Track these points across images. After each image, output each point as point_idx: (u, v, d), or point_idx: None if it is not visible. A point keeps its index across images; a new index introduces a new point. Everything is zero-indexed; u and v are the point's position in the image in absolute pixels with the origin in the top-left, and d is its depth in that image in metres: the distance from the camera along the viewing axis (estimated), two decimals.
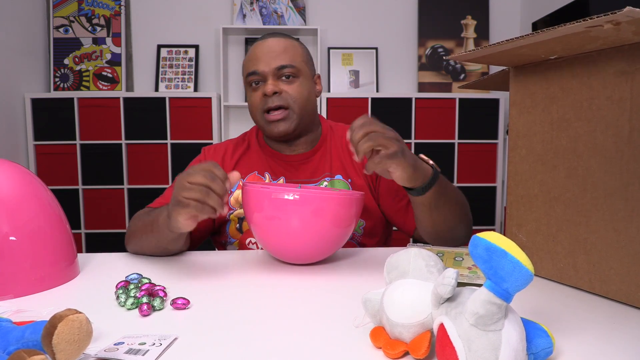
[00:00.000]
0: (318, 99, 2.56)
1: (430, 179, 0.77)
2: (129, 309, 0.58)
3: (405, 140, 2.78)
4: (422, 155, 0.81)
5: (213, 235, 1.05)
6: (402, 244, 1.03)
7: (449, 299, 0.41)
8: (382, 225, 1.03)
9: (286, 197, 0.71)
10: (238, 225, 0.98)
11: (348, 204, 0.74)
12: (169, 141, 2.48)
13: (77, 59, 2.60)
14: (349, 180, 0.99)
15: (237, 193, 1.00)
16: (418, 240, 0.97)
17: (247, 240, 0.97)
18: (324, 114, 2.50)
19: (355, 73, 2.69)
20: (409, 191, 0.81)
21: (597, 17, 0.47)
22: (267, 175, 1.01)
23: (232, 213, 0.99)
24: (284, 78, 0.95)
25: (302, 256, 0.77)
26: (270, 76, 0.94)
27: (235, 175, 0.69)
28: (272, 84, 0.94)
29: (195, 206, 0.64)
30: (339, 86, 2.68)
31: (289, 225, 0.72)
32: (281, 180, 1.00)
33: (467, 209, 0.94)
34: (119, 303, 0.59)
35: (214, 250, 1.00)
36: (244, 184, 0.78)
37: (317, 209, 0.72)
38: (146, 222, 0.83)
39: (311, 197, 0.71)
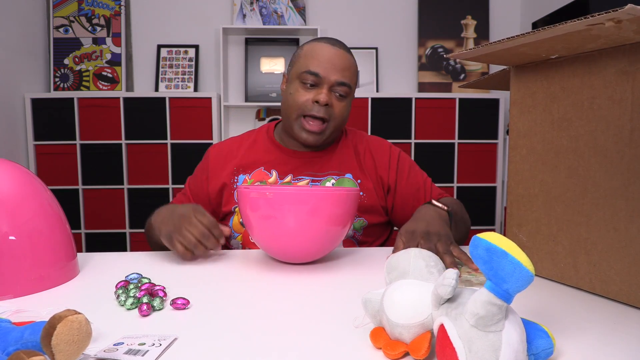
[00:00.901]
0: None
1: (450, 224, 0.83)
2: (128, 309, 0.58)
3: (405, 141, 2.76)
4: (434, 202, 0.85)
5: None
6: None
7: (449, 300, 0.41)
8: (383, 226, 1.04)
9: (263, 194, 0.72)
10: (242, 219, 0.99)
11: (342, 201, 0.74)
12: (169, 141, 2.48)
13: (77, 59, 2.59)
14: (359, 181, 1.00)
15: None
16: None
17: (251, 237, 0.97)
18: None
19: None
20: None
21: (599, 14, 0.47)
22: (274, 172, 1.01)
23: (237, 207, 0.99)
24: (336, 94, 0.95)
25: (298, 255, 0.77)
26: (326, 85, 0.94)
27: (225, 229, 0.81)
28: (327, 95, 0.93)
29: (180, 251, 0.78)
30: None
31: (283, 224, 0.72)
32: (288, 178, 1.00)
33: (468, 218, 0.99)
34: (119, 303, 0.59)
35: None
36: (237, 188, 0.80)
37: (312, 207, 0.71)
38: (150, 223, 0.91)
39: (306, 194, 0.71)
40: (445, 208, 0.84)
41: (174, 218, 0.80)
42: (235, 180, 1.01)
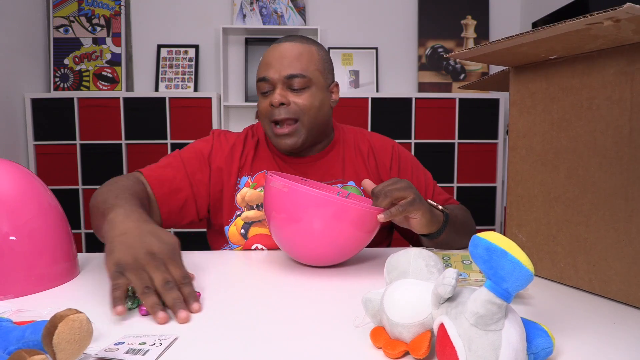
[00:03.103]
0: None
1: (443, 223, 0.81)
2: (129, 309, 0.58)
3: (405, 140, 2.76)
4: (429, 201, 0.82)
5: (210, 234, 1.02)
6: (403, 243, 1.02)
7: (449, 299, 0.41)
8: (385, 233, 1.02)
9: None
10: (243, 230, 0.94)
11: (371, 215, 0.72)
12: (169, 141, 2.48)
13: (77, 59, 2.60)
14: (362, 187, 0.95)
15: (244, 191, 0.95)
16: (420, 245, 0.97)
17: (254, 247, 0.93)
18: None
19: (355, 73, 2.69)
20: (425, 237, 0.82)
21: (597, 13, 0.47)
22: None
23: (238, 215, 0.95)
24: (293, 87, 0.90)
25: (321, 259, 0.75)
26: (279, 85, 0.90)
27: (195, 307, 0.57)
28: (279, 94, 0.89)
29: (115, 295, 0.54)
30: (339, 86, 2.68)
31: (309, 225, 0.70)
32: None
33: (473, 225, 0.96)
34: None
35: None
36: (267, 177, 0.75)
37: (340, 213, 0.69)
38: (102, 208, 0.71)
39: (332, 201, 0.69)
40: (440, 207, 0.82)
41: (139, 249, 0.58)
42: (238, 182, 0.97)
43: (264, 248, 0.93)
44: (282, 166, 0.99)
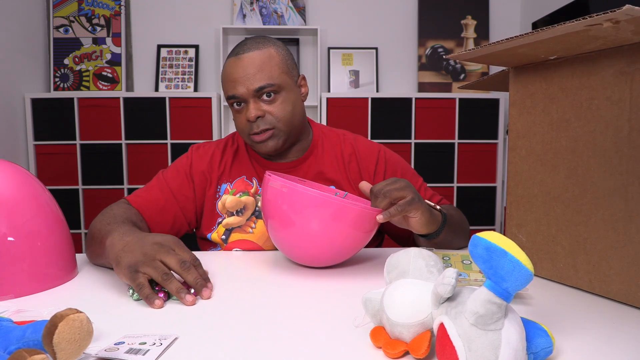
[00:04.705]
0: (317, 99, 2.56)
1: (442, 223, 0.81)
2: (136, 300, 0.60)
3: (406, 141, 2.75)
4: (427, 201, 0.81)
5: (200, 237, 1.03)
6: (393, 244, 1.02)
7: (449, 299, 0.41)
8: (374, 236, 1.01)
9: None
10: (224, 236, 0.96)
11: (370, 215, 0.72)
12: (169, 141, 2.48)
13: (77, 59, 2.60)
14: (346, 193, 0.95)
15: (224, 198, 0.97)
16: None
17: (233, 250, 0.95)
18: (324, 114, 2.50)
19: (355, 73, 2.69)
20: (424, 237, 0.82)
21: (597, 15, 0.47)
22: (254, 181, 0.98)
23: (220, 222, 0.96)
24: (264, 97, 0.89)
25: (319, 259, 0.75)
26: (250, 99, 0.89)
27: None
28: (253, 109, 0.88)
29: (146, 293, 0.58)
30: (339, 86, 2.68)
31: (312, 226, 0.70)
32: None
33: (467, 225, 0.96)
34: (130, 294, 0.61)
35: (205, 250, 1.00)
36: (265, 177, 0.75)
37: (340, 213, 0.69)
38: (98, 237, 0.75)
39: (331, 201, 0.69)
40: (438, 207, 0.82)
41: (145, 245, 0.62)
42: (218, 190, 0.98)
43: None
44: (260, 172, 0.99)
